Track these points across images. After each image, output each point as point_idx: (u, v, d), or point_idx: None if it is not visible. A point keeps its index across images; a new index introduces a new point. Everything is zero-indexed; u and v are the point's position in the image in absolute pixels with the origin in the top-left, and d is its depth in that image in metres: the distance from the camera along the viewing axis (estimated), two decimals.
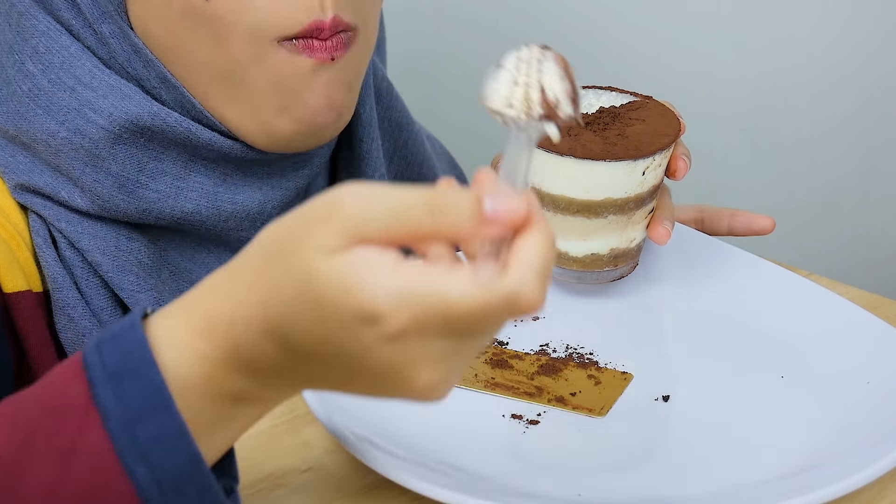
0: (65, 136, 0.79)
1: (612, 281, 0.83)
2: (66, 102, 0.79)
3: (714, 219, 0.93)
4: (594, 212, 0.79)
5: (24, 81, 0.80)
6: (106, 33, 0.80)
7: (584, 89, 0.85)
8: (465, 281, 0.51)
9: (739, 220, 0.93)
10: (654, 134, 0.79)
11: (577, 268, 0.82)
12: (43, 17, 0.80)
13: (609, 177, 0.77)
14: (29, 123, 0.80)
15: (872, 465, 0.63)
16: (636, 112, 0.82)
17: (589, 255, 0.81)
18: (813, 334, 0.79)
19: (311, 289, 0.52)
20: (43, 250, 0.81)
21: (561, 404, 0.74)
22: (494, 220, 0.52)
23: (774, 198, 1.56)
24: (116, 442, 0.53)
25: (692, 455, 0.69)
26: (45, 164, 0.81)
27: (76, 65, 0.80)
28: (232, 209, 0.83)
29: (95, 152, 0.79)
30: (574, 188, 0.78)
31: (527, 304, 0.52)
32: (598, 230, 0.80)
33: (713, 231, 0.93)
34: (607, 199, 0.78)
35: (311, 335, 0.53)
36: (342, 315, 0.51)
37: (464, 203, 0.52)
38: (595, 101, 0.85)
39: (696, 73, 1.53)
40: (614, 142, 0.78)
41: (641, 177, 0.78)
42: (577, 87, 0.60)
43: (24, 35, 0.80)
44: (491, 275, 0.51)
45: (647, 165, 0.77)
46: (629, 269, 0.84)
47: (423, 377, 0.53)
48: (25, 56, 0.80)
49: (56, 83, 0.80)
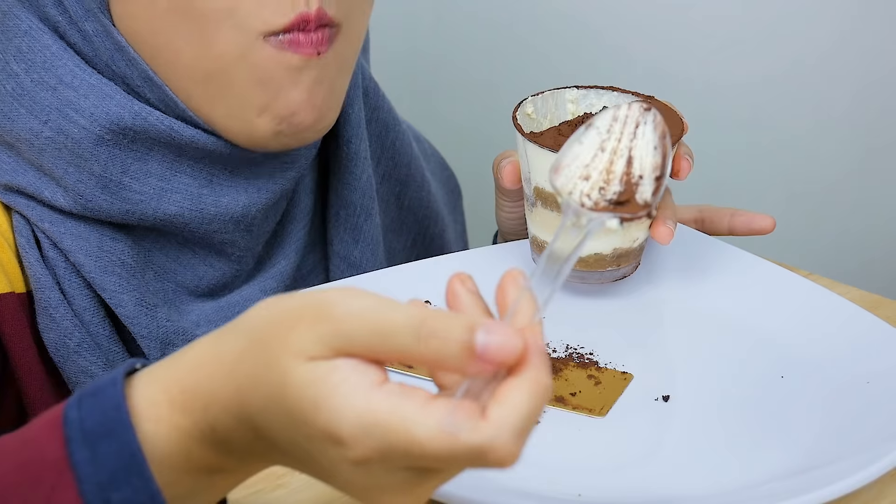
0: (48, 135, 0.79)
1: (615, 281, 0.83)
2: (48, 102, 0.79)
3: (714, 219, 0.93)
4: None
5: (8, 81, 0.80)
6: (90, 31, 0.79)
7: (585, 89, 0.85)
8: (433, 424, 0.49)
9: (739, 220, 0.93)
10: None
11: (581, 268, 0.82)
12: (26, 17, 0.80)
13: None
14: (13, 123, 0.80)
15: (872, 465, 0.63)
16: None
17: (592, 255, 0.81)
18: (813, 334, 0.79)
19: (286, 396, 0.51)
20: (26, 251, 0.81)
21: (561, 404, 0.74)
22: (483, 359, 0.50)
23: (774, 198, 1.55)
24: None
25: (692, 455, 0.69)
26: (28, 164, 0.81)
27: (58, 64, 0.79)
28: (215, 212, 0.82)
29: (78, 152, 0.79)
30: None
31: (497, 461, 0.50)
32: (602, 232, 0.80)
33: (713, 231, 0.93)
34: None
35: (282, 437, 0.53)
36: (311, 431, 0.51)
37: (454, 332, 0.51)
38: (597, 101, 0.85)
39: (696, 73, 1.53)
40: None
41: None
42: (667, 160, 0.56)
43: (7, 35, 0.80)
44: (463, 422, 0.49)
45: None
46: (632, 269, 0.84)
47: (386, 500, 0.52)
48: (10, 56, 0.80)
49: (38, 83, 0.79)
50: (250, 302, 0.85)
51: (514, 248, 0.90)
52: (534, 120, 0.84)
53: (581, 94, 0.85)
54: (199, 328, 0.84)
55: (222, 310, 0.85)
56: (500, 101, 1.68)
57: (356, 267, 0.91)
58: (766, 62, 1.51)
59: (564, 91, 0.85)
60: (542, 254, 0.55)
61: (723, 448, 0.69)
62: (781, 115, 1.52)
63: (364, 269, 0.91)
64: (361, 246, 0.91)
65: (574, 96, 0.85)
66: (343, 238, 0.91)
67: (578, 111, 0.85)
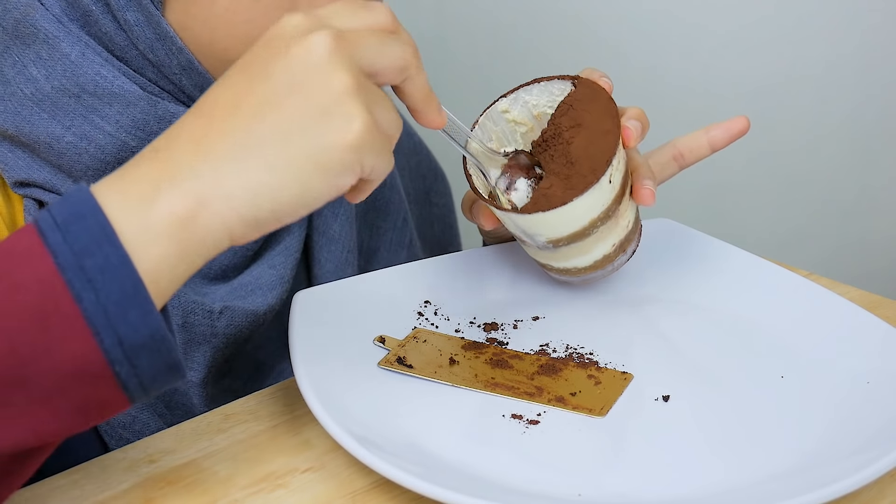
0: (70, 140, 0.80)
1: (629, 259, 0.83)
2: (71, 108, 0.80)
3: (692, 146, 0.89)
4: (584, 234, 0.78)
5: (27, 85, 0.81)
6: (131, 20, 0.81)
7: (514, 93, 0.83)
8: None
9: (716, 135, 0.88)
10: (598, 136, 0.78)
11: (591, 272, 0.82)
12: (42, 23, 0.80)
13: (583, 206, 0.76)
14: (33, 126, 0.81)
15: (872, 465, 0.63)
16: (570, 117, 0.80)
17: (599, 258, 0.81)
18: (813, 334, 0.79)
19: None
20: None
21: (561, 404, 0.74)
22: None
23: (774, 198, 1.56)
24: (65, 272, 0.57)
25: (692, 455, 0.69)
26: (45, 163, 0.82)
27: (78, 73, 0.80)
28: None
29: (101, 157, 0.80)
30: (557, 230, 0.78)
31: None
32: (595, 242, 0.80)
33: (697, 157, 0.89)
34: (591, 221, 0.78)
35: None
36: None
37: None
38: (529, 97, 0.83)
39: (697, 74, 1.53)
40: (568, 174, 0.77)
41: (609, 184, 0.77)
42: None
43: (25, 41, 0.81)
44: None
45: (610, 174, 0.76)
46: (636, 243, 0.84)
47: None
48: (28, 60, 0.81)
49: (59, 90, 0.80)
50: (261, 280, 0.87)
51: (514, 248, 0.90)
52: (484, 152, 0.81)
53: (511, 99, 0.83)
54: None
55: (235, 291, 0.86)
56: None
57: (334, 241, 0.92)
58: (766, 63, 1.51)
59: (495, 105, 0.83)
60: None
61: (722, 448, 0.69)
62: (782, 116, 1.52)
63: (342, 244, 0.92)
64: (341, 220, 0.92)
65: (506, 105, 0.83)
66: (322, 212, 0.92)
67: (516, 116, 0.83)
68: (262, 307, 0.86)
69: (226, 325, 0.84)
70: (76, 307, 0.56)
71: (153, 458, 0.70)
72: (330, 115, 0.61)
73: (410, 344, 0.80)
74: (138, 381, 0.58)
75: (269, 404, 0.76)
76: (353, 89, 0.61)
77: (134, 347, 0.57)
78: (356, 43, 0.63)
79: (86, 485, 0.68)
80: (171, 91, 0.83)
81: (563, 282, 0.84)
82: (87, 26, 0.81)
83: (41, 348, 0.56)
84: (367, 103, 0.62)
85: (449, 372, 0.76)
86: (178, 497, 0.67)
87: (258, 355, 0.89)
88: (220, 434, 0.73)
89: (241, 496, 0.66)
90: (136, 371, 0.58)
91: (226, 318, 0.84)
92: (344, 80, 0.61)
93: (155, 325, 0.58)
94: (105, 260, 0.57)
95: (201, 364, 0.84)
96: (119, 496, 0.67)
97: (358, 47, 0.63)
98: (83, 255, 0.57)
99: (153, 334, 0.58)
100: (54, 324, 0.56)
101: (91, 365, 0.57)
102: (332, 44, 0.61)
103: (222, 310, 0.84)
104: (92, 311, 0.57)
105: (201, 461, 0.70)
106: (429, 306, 0.84)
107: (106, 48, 0.82)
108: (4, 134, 0.82)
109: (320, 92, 0.61)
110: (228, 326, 0.85)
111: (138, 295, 0.57)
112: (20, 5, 0.81)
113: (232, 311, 0.85)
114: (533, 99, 0.83)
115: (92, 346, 0.57)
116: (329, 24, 0.63)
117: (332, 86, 0.61)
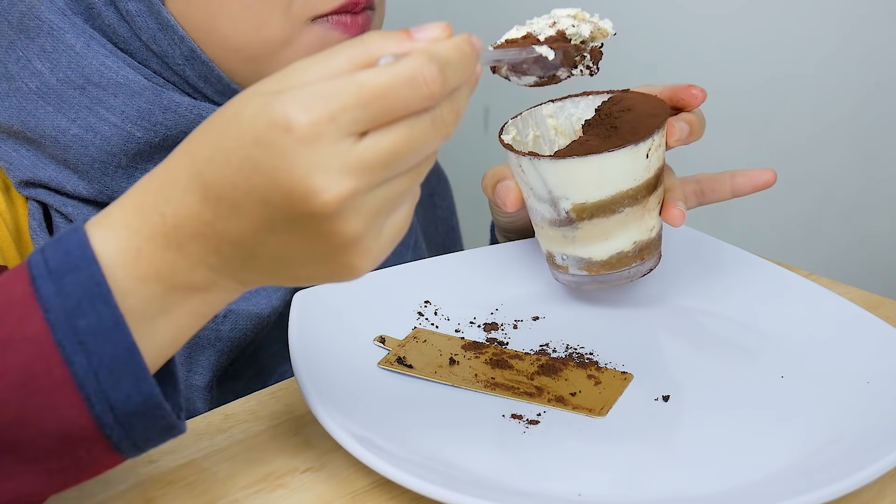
0: (75, 132, 0.80)
1: (643, 276, 0.83)
2: (76, 100, 0.81)
3: (715, 187, 0.89)
4: (609, 209, 0.79)
5: (31, 79, 0.81)
6: (132, 11, 0.81)
7: (561, 101, 0.86)
8: (376, 68, 0.54)
9: (741, 181, 0.88)
10: (645, 117, 0.80)
11: (606, 270, 0.82)
12: (47, 15, 0.81)
13: (616, 168, 0.77)
14: (38, 120, 0.81)
15: (872, 465, 0.63)
16: (619, 105, 0.82)
17: (615, 254, 0.81)
18: (813, 334, 0.79)
19: (240, 118, 0.53)
20: (37, 233, 0.82)
21: (561, 404, 0.74)
22: (416, 33, 0.56)
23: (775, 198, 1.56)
24: (56, 332, 0.54)
25: (692, 455, 0.69)
26: (49, 158, 0.82)
27: (83, 64, 0.81)
28: None
29: (107, 149, 0.81)
30: (585, 190, 0.78)
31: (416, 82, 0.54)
32: (617, 226, 0.80)
33: (716, 198, 0.89)
34: (619, 192, 0.78)
35: (230, 162, 0.53)
36: (259, 135, 0.53)
37: (392, 35, 0.56)
38: (574, 110, 0.85)
39: (697, 75, 1.53)
40: (609, 135, 0.79)
41: (646, 160, 0.78)
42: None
43: (29, 34, 0.81)
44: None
45: (649, 147, 0.78)
46: (655, 262, 0.83)
47: (328, 184, 0.53)
48: (32, 54, 0.81)
49: (64, 82, 0.81)
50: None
51: (514, 248, 0.90)
52: (518, 142, 0.84)
53: (557, 106, 0.86)
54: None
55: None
56: (498, 97, 1.68)
57: None
58: (767, 63, 1.51)
59: (541, 107, 0.85)
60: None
61: (722, 448, 0.69)
62: (782, 116, 1.52)
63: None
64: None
65: (551, 110, 0.86)
66: None
67: (559, 124, 0.85)
68: (266, 309, 0.86)
69: (230, 329, 0.84)
70: (66, 371, 0.54)
71: (153, 458, 0.70)
72: (332, 262, 0.57)
73: (410, 344, 0.80)
74: (132, 443, 0.57)
75: (269, 404, 0.76)
76: (361, 234, 0.56)
77: (126, 414, 0.56)
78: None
79: (86, 485, 0.68)
80: (175, 82, 0.83)
81: (573, 286, 0.84)
82: (91, 19, 0.82)
83: (30, 413, 0.54)
84: (375, 235, 0.57)
85: (449, 372, 0.76)
86: (178, 497, 0.67)
87: (260, 357, 0.89)
88: (220, 434, 0.73)
89: (241, 496, 0.66)
90: (129, 434, 0.56)
91: (230, 321, 0.84)
92: (353, 226, 0.55)
93: (148, 391, 0.56)
94: (98, 320, 0.54)
95: (206, 368, 0.84)
96: (119, 496, 0.67)
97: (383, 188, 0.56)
98: (75, 315, 0.54)
99: (146, 401, 0.56)
100: (43, 387, 0.54)
101: (82, 430, 0.55)
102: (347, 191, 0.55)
103: (226, 313, 0.84)
104: (83, 376, 0.54)
105: (201, 461, 0.70)
106: (429, 306, 0.84)
107: (110, 40, 0.82)
108: (10, 130, 0.82)
109: (325, 243, 0.56)
110: (233, 330, 0.85)
111: (131, 360, 0.55)
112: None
113: (236, 314, 0.85)
114: (578, 112, 0.85)
115: (82, 412, 0.55)
116: (364, 204, 0.55)
117: (336, 238, 0.56)
